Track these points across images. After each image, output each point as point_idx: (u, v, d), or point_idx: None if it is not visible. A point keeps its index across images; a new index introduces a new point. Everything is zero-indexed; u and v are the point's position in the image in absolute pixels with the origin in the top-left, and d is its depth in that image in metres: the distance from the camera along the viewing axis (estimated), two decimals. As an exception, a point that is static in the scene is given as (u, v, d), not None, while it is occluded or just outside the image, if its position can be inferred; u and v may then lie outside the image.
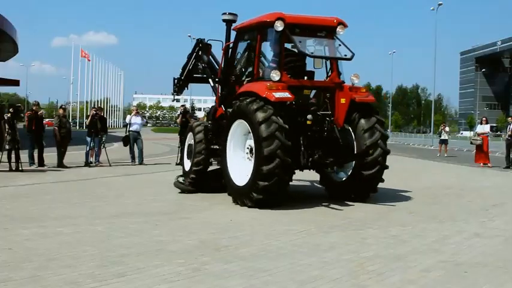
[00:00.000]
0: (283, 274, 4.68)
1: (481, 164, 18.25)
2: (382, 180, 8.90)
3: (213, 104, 11.07)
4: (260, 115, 7.83)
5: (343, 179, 8.99)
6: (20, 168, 13.07)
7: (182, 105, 18.95)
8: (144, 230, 6.39)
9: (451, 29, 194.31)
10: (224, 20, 9.86)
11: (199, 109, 69.43)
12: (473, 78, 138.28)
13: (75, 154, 17.24)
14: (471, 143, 19.52)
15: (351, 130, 8.75)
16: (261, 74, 8.87)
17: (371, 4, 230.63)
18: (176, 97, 12.11)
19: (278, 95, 7.94)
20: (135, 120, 16.61)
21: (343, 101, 8.64)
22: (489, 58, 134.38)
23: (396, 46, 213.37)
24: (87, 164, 15.18)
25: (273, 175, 7.81)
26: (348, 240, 6.09)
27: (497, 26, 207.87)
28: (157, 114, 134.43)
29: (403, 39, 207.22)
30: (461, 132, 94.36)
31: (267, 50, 9.36)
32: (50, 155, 15.11)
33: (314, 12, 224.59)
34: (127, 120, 17.23)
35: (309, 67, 9.31)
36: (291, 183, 8.51)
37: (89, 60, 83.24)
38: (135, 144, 16.21)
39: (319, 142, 8.55)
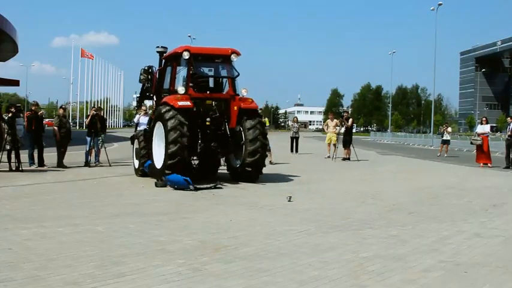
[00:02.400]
0: (283, 274, 4.67)
1: (481, 164, 18.25)
2: (264, 165, 11.98)
3: None
4: (167, 115, 10.79)
5: (238, 165, 11.81)
6: (20, 168, 13.07)
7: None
8: (144, 230, 6.39)
9: (451, 29, 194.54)
10: (157, 52, 12.81)
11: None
12: (473, 78, 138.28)
13: (75, 154, 17.25)
14: (471, 143, 19.51)
15: (241, 129, 11.59)
16: (175, 89, 11.69)
17: (371, 4, 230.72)
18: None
19: (181, 103, 10.89)
20: (143, 121, 16.51)
21: (235, 108, 11.69)
22: (489, 58, 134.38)
23: (396, 46, 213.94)
24: (87, 164, 15.19)
25: (176, 155, 10.63)
26: (348, 240, 6.09)
27: (497, 26, 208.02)
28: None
29: (403, 39, 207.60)
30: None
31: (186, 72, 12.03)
32: (50, 155, 15.11)
33: (317, 12, 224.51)
34: (135, 120, 17.16)
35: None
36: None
37: (92, 59, 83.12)
38: None
39: (215, 137, 11.49)
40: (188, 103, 10.98)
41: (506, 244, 6.20)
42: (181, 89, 11.30)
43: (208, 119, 11.41)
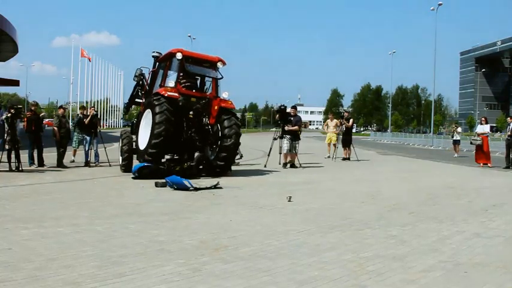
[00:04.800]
0: (283, 274, 4.67)
1: (481, 164, 18.25)
2: (234, 161, 13.85)
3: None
4: (156, 102, 12.26)
5: (212, 158, 13.23)
6: (20, 168, 13.06)
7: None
8: (144, 230, 6.38)
9: (451, 29, 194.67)
10: (153, 56, 14.44)
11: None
12: (473, 78, 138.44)
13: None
14: (471, 143, 19.50)
15: (219, 126, 13.15)
16: (166, 84, 13.20)
17: (371, 4, 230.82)
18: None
19: (169, 93, 12.40)
20: None
21: (215, 107, 13.21)
22: (489, 58, 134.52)
23: (396, 46, 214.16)
24: (87, 163, 15.19)
25: (160, 136, 12.01)
26: (348, 240, 6.09)
27: (497, 26, 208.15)
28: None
29: (403, 39, 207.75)
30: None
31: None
32: (50, 155, 15.10)
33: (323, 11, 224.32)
34: None
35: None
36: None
37: (90, 60, 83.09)
38: None
39: (196, 129, 12.91)
40: (176, 94, 12.46)
41: (506, 244, 6.20)
42: (171, 83, 12.81)
43: (191, 112, 12.83)
